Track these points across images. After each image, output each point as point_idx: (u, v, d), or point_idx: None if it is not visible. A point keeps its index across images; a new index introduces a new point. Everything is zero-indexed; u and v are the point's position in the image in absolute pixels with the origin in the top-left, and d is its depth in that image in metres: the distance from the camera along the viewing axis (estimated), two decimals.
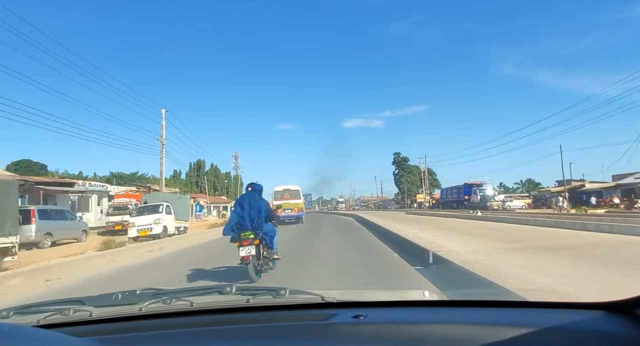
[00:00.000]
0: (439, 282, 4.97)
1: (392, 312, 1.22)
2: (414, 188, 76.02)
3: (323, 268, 7.12)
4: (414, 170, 78.32)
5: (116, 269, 8.40)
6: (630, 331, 0.95)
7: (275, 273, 6.19)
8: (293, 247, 10.42)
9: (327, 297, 1.23)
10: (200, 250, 12.01)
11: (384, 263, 7.31)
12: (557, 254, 6.31)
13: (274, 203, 18.26)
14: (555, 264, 5.29)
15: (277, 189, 22.44)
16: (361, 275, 6.21)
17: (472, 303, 1.31)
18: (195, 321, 1.18)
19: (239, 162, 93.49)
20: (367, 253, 8.99)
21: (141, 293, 1.26)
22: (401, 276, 5.89)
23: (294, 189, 22.22)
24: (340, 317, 1.12)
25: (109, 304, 1.23)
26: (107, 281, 7.09)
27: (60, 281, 7.03)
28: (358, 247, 10.32)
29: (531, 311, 1.22)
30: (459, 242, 8.27)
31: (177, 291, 1.32)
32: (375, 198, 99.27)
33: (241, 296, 1.25)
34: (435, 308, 1.30)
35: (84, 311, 1.20)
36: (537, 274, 4.46)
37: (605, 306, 1.07)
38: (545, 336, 0.96)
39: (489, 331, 0.98)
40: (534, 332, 0.96)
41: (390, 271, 6.42)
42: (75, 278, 7.38)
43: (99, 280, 7.23)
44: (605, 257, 6.07)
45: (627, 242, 7.75)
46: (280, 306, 1.25)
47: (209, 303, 1.26)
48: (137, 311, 1.19)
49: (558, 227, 11.67)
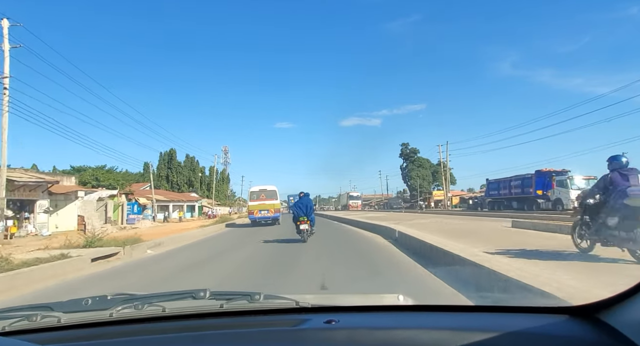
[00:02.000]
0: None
1: (365, 317, 1.26)
2: (426, 184, 65.96)
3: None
4: (424, 163, 67.76)
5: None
6: (592, 336, 0.98)
7: (312, 238, 10.79)
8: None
9: (302, 302, 1.24)
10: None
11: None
12: None
13: (249, 204, 20.68)
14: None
15: (252, 189, 21.82)
16: None
17: (443, 308, 1.35)
18: (167, 327, 1.18)
19: (228, 157, 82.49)
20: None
21: (112, 298, 1.24)
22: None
23: (270, 189, 21.16)
24: (313, 322, 1.14)
25: (79, 310, 1.20)
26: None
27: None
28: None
29: (498, 315, 1.24)
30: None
31: (150, 296, 1.30)
32: (379, 197, 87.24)
33: (215, 301, 1.24)
34: (408, 313, 1.32)
35: (52, 317, 1.17)
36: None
37: (569, 311, 1.12)
38: (510, 341, 0.99)
39: (457, 336, 1.00)
40: (498, 336, 0.99)
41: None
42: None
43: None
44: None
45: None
46: (255, 311, 1.25)
47: (181, 308, 1.24)
48: (108, 317, 1.18)
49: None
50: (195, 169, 68.04)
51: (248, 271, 7.20)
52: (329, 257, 8.42)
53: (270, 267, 7.51)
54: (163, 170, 63.94)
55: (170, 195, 42.52)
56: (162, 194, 41.41)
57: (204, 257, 9.63)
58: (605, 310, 1.03)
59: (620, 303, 0.99)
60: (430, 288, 4.75)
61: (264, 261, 8.31)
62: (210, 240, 14.77)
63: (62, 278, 6.63)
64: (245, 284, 5.76)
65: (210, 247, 11.93)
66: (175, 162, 64.96)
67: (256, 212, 20.09)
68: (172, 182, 63.70)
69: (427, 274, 5.70)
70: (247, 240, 12.95)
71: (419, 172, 67.24)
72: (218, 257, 9.35)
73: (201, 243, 13.25)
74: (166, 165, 64.34)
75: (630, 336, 0.89)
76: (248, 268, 7.66)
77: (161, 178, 63.25)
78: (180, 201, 43.07)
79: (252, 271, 7.19)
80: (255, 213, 20.14)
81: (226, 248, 11.27)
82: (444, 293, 4.32)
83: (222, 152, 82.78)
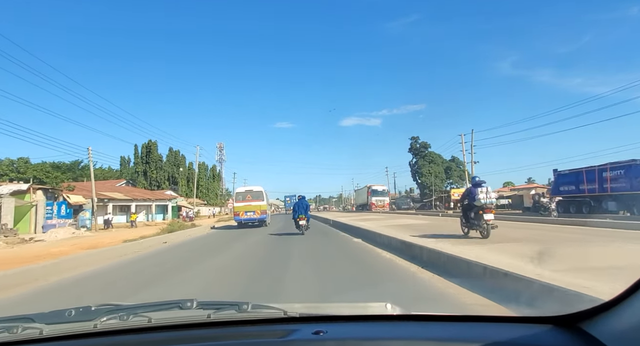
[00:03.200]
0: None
1: (353, 327, 1.26)
2: (438, 181, 58.33)
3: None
4: (436, 158, 60.81)
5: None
6: (575, 345, 1.00)
7: (308, 232, 13.62)
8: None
9: (290, 312, 1.24)
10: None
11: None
12: None
13: (234, 206, 19.95)
14: None
15: (238, 190, 21.36)
16: None
17: (431, 317, 1.34)
18: (154, 338, 1.16)
19: (224, 154, 75.60)
20: None
21: (96, 309, 1.21)
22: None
23: (257, 190, 20.19)
24: (301, 333, 1.13)
25: (62, 321, 1.17)
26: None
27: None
28: None
29: (486, 325, 1.25)
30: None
31: (135, 307, 1.27)
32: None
33: (202, 311, 1.23)
34: (396, 323, 1.31)
35: (34, 329, 1.13)
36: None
37: (553, 320, 1.13)
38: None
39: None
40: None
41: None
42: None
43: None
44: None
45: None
46: (243, 321, 1.23)
47: (168, 318, 1.22)
48: (92, 328, 1.14)
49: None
50: (180, 164, 60.56)
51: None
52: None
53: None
54: (140, 165, 56.51)
55: (134, 193, 35.09)
56: (123, 192, 34.06)
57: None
58: (587, 320, 1.05)
59: (602, 313, 1.01)
60: None
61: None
62: (103, 274, 7.60)
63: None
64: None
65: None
66: (155, 155, 57.35)
67: (242, 214, 19.36)
68: (150, 179, 56.27)
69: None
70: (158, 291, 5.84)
71: (431, 168, 59.97)
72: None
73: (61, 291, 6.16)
74: (143, 160, 56.88)
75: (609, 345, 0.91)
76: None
77: (138, 175, 55.87)
78: (146, 200, 35.54)
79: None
80: (241, 214, 19.39)
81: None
82: None
83: (217, 149, 76.16)
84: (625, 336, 0.91)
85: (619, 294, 0.97)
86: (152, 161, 56.72)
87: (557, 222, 14.59)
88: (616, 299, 0.98)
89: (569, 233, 10.17)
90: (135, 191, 38.09)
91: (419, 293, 4.57)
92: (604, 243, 7.55)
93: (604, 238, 8.58)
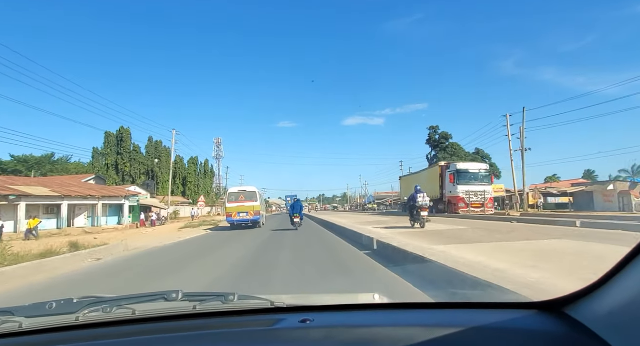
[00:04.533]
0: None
1: (340, 316, 1.24)
2: None
3: None
4: (459, 150, 51.75)
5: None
6: (559, 330, 1.02)
7: (301, 228, 15.54)
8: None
9: (277, 302, 1.23)
10: None
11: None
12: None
13: (227, 206, 18.91)
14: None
15: (231, 191, 20.24)
16: None
17: (418, 305, 1.38)
18: (138, 329, 1.13)
19: (221, 149, 68.95)
20: None
21: (78, 301, 1.17)
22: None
23: (250, 191, 19.36)
24: (288, 322, 1.13)
25: (42, 314, 1.13)
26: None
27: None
28: None
29: (471, 312, 1.25)
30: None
31: (119, 299, 1.22)
32: (395, 194, 69.65)
33: (188, 302, 1.21)
34: (383, 311, 1.32)
35: (13, 322, 1.12)
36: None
37: (538, 306, 1.14)
38: (481, 336, 1.02)
39: (431, 332, 1.02)
40: (470, 332, 1.02)
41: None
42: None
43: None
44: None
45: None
46: (229, 312, 1.22)
47: (153, 310, 1.19)
48: (74, 321, 1.12)
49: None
50: (161, 156, 51.29)
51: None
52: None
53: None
54: (111, 157, 47.39)
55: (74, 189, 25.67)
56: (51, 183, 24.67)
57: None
58: (571, 304, 1.07)
59: (584, 298, 1.04)
60: None
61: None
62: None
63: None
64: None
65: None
66: (127, 145, 48.24)
67: (235, 215, 18.43)
68: (123, 172, 47.21)
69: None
70: None
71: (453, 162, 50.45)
72: None
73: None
74: (114, 150, 47.70)
75: (593, 329, 0.94)
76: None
77: (108, 168, 46.78)
78: (87, 198, 26.11)
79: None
80: (234, 215, 18.45)
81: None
82: None
83: (214, 144, 69.08)
84: (606, 319, 0.93)
85: (600, 278, 0.99)
86: (125, 152, 47.77)
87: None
88: (597, 283, 1.00)
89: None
90: (83, 187, 28.80)
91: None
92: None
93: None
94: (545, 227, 12.25)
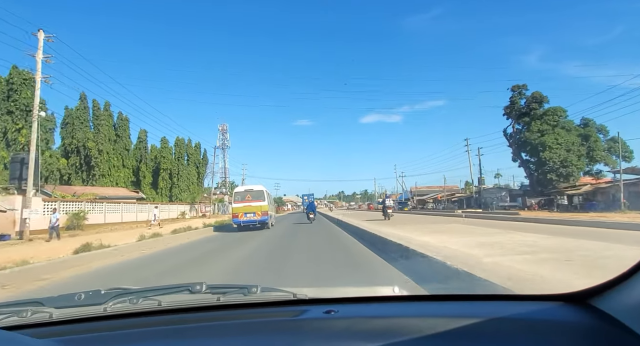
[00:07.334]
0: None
1: (362, 307, 1.27)
2: (574, 158, 35.26)
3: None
4: (567, 123, 37.78)
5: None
6: (585, 321, 1.02)
7: (315, 222, 22.65)
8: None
9: (299, 294, 1.25)
10: None
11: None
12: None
13: (233, 206, 18.53)
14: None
15: (237, 190, 19.96)
16: None
17: (438, 297, 1.42)
18: (163, 320, 1.16)
19: (227, 137, 62.47)
20: None
21: (106, 293, 1.21)
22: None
23: (257, 190, 18.96)
24: (312, 313, 1.15)
25: (71, 305, 1.18)
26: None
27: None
28: None
29: (493, 303, 1.28)
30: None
31: (145, 290, 1.27)
32: (442, 189, 60.58)
33: (211, 295, 1.23)
34: (405, 303, 1.36)
35: (44, 313, 1.15)
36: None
37: (563, 298, 1.15)
38: (506, 327, 1.02)
39: (453, 323, 1.02)
40: (495, 323, 1.02)
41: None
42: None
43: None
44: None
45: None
46: (252, 304, 1.24)
47: (178, 302, 1.23)
48: (102, 312, 1.16)
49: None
50: (122, 136, 40.53)
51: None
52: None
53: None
54: None
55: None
56: None
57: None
58: (597, 296, 1.06)
59: (610, 289, 1.03)
60: None
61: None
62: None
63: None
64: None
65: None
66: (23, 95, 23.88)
67: (241, 215, 17.81)
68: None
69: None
70: None
71: (559, 137, 35.61)
72: None
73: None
74: None
75: (622, 320, 0.94)
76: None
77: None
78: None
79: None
80: (240, 216, 17.81)
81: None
82: None
83: (220, 132, 62.68)
84: (636, 310, 0.93)
85: (627, 270, 0.99)
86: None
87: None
88: (624, 275, 1.00)
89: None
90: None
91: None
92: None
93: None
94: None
